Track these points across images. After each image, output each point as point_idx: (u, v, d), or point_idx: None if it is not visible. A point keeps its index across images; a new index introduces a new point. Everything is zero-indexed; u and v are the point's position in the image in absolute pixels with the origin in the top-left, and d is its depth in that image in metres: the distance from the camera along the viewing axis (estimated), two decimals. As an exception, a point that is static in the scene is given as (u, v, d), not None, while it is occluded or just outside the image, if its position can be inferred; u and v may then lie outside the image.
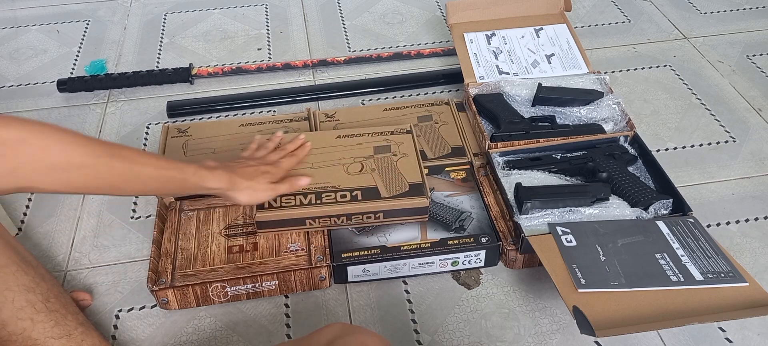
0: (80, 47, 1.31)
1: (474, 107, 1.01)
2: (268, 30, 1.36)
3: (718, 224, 0.92)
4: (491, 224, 0.85)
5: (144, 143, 1.07)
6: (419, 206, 0.83)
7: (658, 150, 1.04)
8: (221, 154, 0.96)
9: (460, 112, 1.05)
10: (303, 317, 0.81)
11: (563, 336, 0.78)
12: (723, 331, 0.78)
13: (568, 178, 0.91)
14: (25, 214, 0.95)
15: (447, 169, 0.94)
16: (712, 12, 1.38)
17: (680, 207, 0.85)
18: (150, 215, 0.94)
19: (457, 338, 0.78)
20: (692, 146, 1.05)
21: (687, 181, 0.99)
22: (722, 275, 0.75)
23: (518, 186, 0.86)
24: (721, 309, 0.71)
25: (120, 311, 0.82)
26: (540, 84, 1.02)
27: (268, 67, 1.22)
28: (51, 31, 1.36)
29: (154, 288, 0.78)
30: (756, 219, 0.93)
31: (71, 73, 1.24)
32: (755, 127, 1.09)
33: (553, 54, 1.12)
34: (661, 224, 0.82)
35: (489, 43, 1.14)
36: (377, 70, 1.23)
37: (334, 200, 0.82)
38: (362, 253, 0.82)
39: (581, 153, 0.94)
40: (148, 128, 1.10)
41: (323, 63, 1.24)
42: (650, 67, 1.23)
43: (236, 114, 1.14)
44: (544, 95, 1.01)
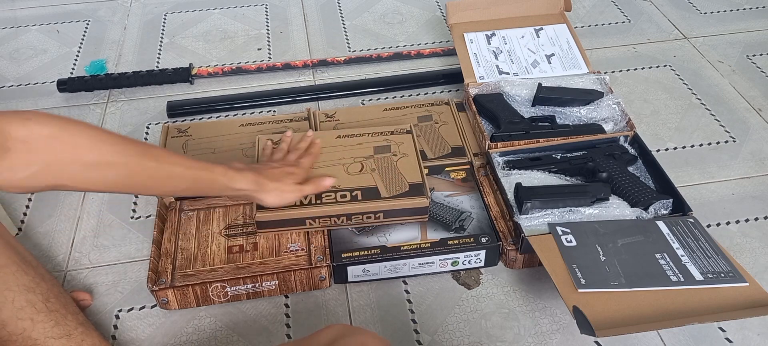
0: (80, 47, 1.31)
1: (474, 107, 1.01)
2: (268, 30, 1.36)
3: (718, 224, 0.92)
4: (491, 224, 0.85)
5: (144, 143, 1.07)
6: (419, 206, 0.83)
7: (658, 150, 1.04)
8: (221, 154, 0.96)
9: (460, 112, 1.05)
10: (303, 317, 0.81)
11: (563, 336, 0.78)
12: (723, 331, 0.78)
13: (568, 178, 0.91)
14: (25, 214, 0.95)
15: (447, 169, 0.94)
16: (712, 12, 1.38)
17: (680, 207, 0.85)
18: (150, 215, 0.94)
19: (457, 338, 0.78)
20: (692, 146, 1.05)
21: (687, 181, 0.99)
22: (722, 275, 0.75)
23: (518, 186, 0.86)
24: (721, 309, 0.71)
25: (120, 311, 0.82)
26: (540, 84, 1.02)
27: (268, 67, 1.22)
28: (51, 31, 1.36)
29: (154, 288, 0.78)
30: (756, 219, 0.93)
31: (71, 73, 1.24)
32: (755, 127, 1.09)
33: (553, 54, 1.12)
34: (661, 224, 0.82)
35: (489, 43, 1.14)
36: (377, 70, 1.23)
37: (334, 200, 0.82)
38: (362, 253, 0.82)
39: (581, 153, 0.94)
40: (148, 128, 1.10)
41: (323, 63, 1.24)
42: (650, 67, 1.23)
43: (236, 114, 1.14)
44: (544, 95, 1.01)
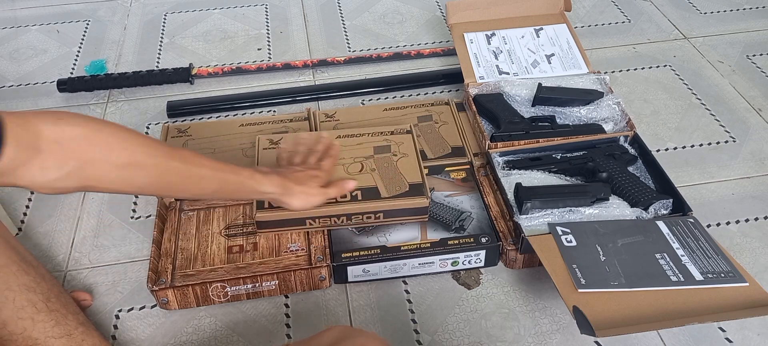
0: (80, 47, 1.31)
1: (474, 107, 1.01)
2: (268, 30, 1.36)
3: (718, 224, 0.92)
4: (491, 224, 0.85)
5: (144, 143, 1.07)
6: (419, 206, 0.83)
7: (658, 150, 1.04)
8: (221, 154, 0.96)
9: (460, 112, 1.05)
10: (303, 317, 0.81)
11: (563, 336, 0.78)
12: (723, 331, 0.79)
13: (568, 178, 0.92)
14: (25, 214, 0.95)
15: (447, 169, 0.94)
16: (712, 12, 1.38)
17: (680, 207, 0.85)
18: (150, 215, 0.94)
19: (457, 338, 0.78)
20: (692, 146, 1.05)
21: (687, 181, 0.99)
22: (722, 275, 0.75)
23: (518, 186, 0.86)
24: (721, 309, 0.71)
25: (120, 311, 0.82)
26: (540, 84, 1.02)
27: (268, 67, 1.22)
28: (51, 31, 1.36)
29: (154, 288, 0.78)
30: (756, 219, 0.93)
31: (71, 73, 1.24)
32: (755, 127, 1.09)
33: (553, 54, 1.12)
34: (661, 224, 0.82)
35: (489, 43, 1.14)
36: (377, 70, 1.23)
37: (334, 200, 0.82)
38: (362, 253, 0.82)
39: (581, 153, 0.94)
40: (148, 128, 1.10)
41: (323, 63, 1.24)
42: (650, 67, 1.23)
43: (236, 114, 1.14)
44: (544, 95, 1.01)
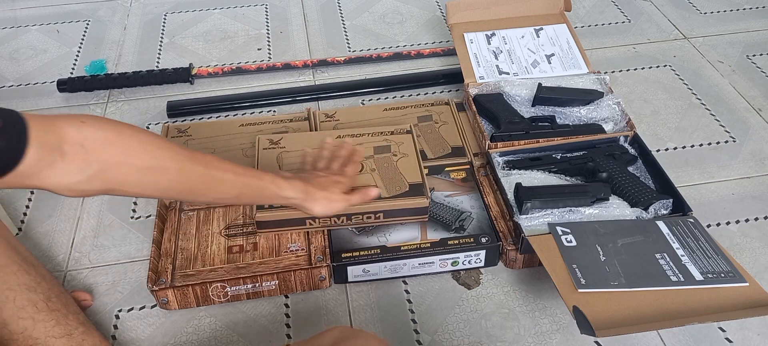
0: (80, 47, 1.31)
1: (474, 107, 1.01)
2: (268, 30, 1.36)
3: (718, 224, 0.92)
4: (491, 224, 0.85)
5: (144, 143, 1.07)
6: (419, 206, 0.83)
7: (658, 150, 1.04)
8: (221, 154, 0.95)
9: (460, 112, 1.05)
10: (303, 317, 0.81)
11: (563, 336, 0.78)
12: (723, 331, 0.79)
13: (568, 178, 0.92)
14: (25, 214, 0.95)
15: (447, 169, 0.94)
16: (712, 12, 1.38)
17: (680, 207, 0.85)
18: (150, 215, 0.94)
19: (457, 338, 0.78)
20: (692, 146, 1.05)
21: (687, 181, 0.99)
22: (722, 275, 0.75)
23: (518, 186, 0.86)
24: (721, 309, 0.71)
25: (120, 311, 0.82)
26: (540, 84, 1.02)
27: (268, 67, 1.22)
28: (51, 31, 1.36)
29: (154, 288, 0.78)
30: (756, 219, 0.93)
31: (71, 73, 1.24)
32: (755, 127, 1.09)
33: (553, 54, 1.12)
34: (661, 224, 0.82)
35: (489, 43, 1.14)
36: (377, 70, 1.23)
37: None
38: (362, 253, 0.82)
39: (581, 153, 0.94)
40: (148, 128, 1.10)
41: (323, 63, 1.24)
42: (650, 67, 1.23)
43: (236, 114, 1.14)
44: (544, 95, 1.01)
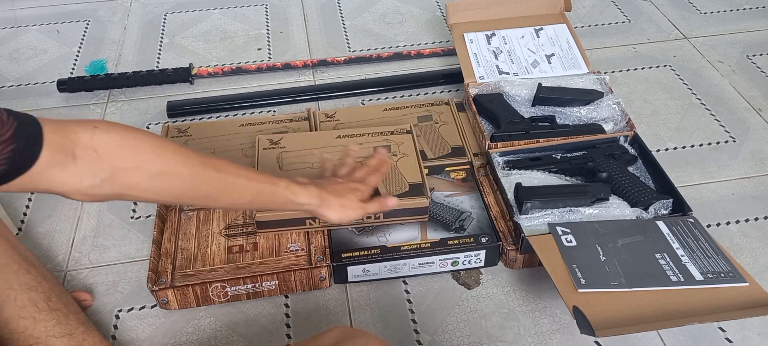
0: (80, 47, 1.31)
1: (474, 107, 1.01)
2: (268, 30, 1.36)
3: (718, 224, 0.92)
4: (491, 224, 0.85)
5: (144, 143, 1.07)
6: (419, 206, 0.83)
7: (658, 150, 1.04)
8: (221, 154, 0.96)
9: (460, 112, 1.05)
10: (303, 317, 0.81)
11: (563, 336, 0.78)
12: (723, 331, 0.79)
13: (568, 178, 0.92)
14: (25, 214, 0.95)
15: (447, 169, 0.94)
16: (712, 12, 1.38)
17: (680, 207, 0.85)
18: (150, 215, 0.94)
19: (457, 338, 0.78)
20: (692, 146, 1.05)
21: (687, 181, 0.99)
22: (722, 275, 0.75)
23: (518, 186, 0.86)
24: (721, 309, 0.71)
25: (120, 311, 0.82)
26: (540, 84, 1.02)
27: (268, 67, 1.22)
28: (51, 31, 1.36)
29: (154, 288, 0.78)
30: (756, 219, 0.93)
31: (71, 73, 1.24)
32: (755, 127, 1.09)
33: (553, 54, 1.12)
34: (661, 224, 0.82)
35: (489, 43, 1.14)
36: (377, 70, 1.23)
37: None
38: (362, 253, 0.82)
39: (581, 153, 0.94)
40: (148, 128, 1.10)
41: (323, 63, 1.24)
42: (650, 67, 1.23)
43: (236, 114, 1.14)
44: (544, 95, 1.01)
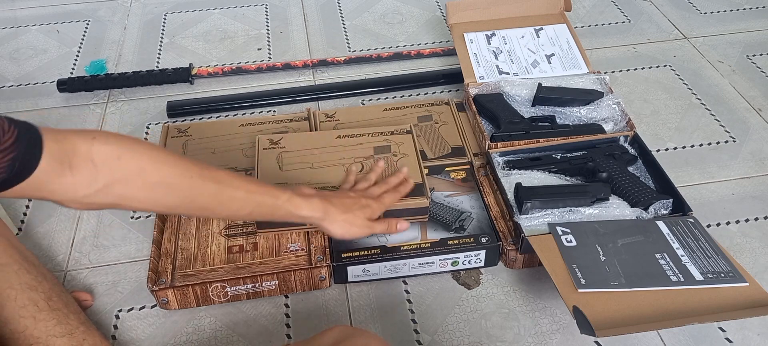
0: (80, 47, 1.31)
1: (474, 107, 1.01)
2: (268, 30, 1.36)
3: (718, 224, 0.92)
4: (491, 224, 0.85)
5: (144, 143, 1.07)
6: (419, 206, 0.83)
7: (658, 150, 1.04)
8: (221, 154, 0.96)
9: (460, 112, 1.05)
10: (303, 317, 0.81)
11: (563, 336, 0.78)
12: (723, 331, 0.79)
13: (568, 178, 0.92)
14: (25, 214, 0.95)
15: (447, 169, 0.94)
16: (712, 12, 1.38)
17: (680, 207, 0.85)
18: (150, 215, 0.94)
19: (457, 338, 0.78)
20: (692, 146, 1.05)
21: (687, 181, 0.99)
22: (722, 275, 0.75)
23: (518, 186, 0.86)
24: (721, 309, 0.71)
25: (120, 311, 0.82)
26: (540, 84, 1.02)
27: (268, 67, 1.22)
28: (51, 31, 1.36)
29: (154, 288, 0.78)
30: (756, 219, 0.93)
31: (71, 73, 1.24)
32: (755, 127, 1.09)
33: (553, 54, 1.12)
34: (661, 224, 0.82)
35: (489, 43, 1.14)
36: (377, 70, 1.23)
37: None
38: (362, 253, 0.82)
39: (581, 153, 0.94)
40: (148, 128, 1.10)
41: (323, 63, 1.24)
42: (650, 67, 1.23)
43: (236, 114, 1.14)
44: (544, 95, 1.01)
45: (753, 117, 1.11)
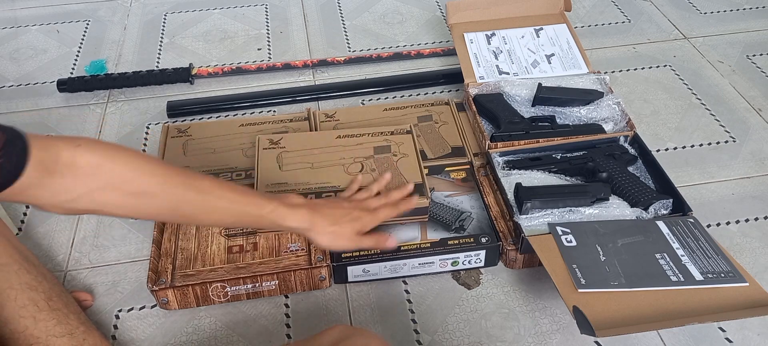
0: (80, 47, 1.31)
1: (474, 107, 1.01)
2: (268, 30, 1.36)
3: (718, 224, 0.92)
4: (491, 224, 0.85)
5: (144, 143, 1.07)
6: (419, 206, 0.83)
7: (658, 150, 1.04)
8: (221, 154, 0.96)
9: (460, 112, 1.05)
10: (303, 317, 0.81)
11: (563, 336, 0.78)
12: (723, 331, 0.79)
13: (568, 178, 0.92)
14: (25, 214, 0.95)
15: (447, 169, 0.94)
16: (712, 12, 1.38)
17: (680, 207, 0.85)
18: (150, 215, 0.94)
19: (457, 338, 0.78)
20: (692, 146, 1.05)
21: (687, 181, 0.99)
22: (722, 275, 0.75)
23: (518, 186, 0.86)
24: (721, 309, 0.71)
25: (120, 311, 0.82)
26: (540, 84, 1.02)
27: (268, 67, 1.22)
28: (51, 31, 1.36)
29: (154, 288, 0.78)
30: (756, 219, 0.93)
31: (71, 73, 1.24)
32: (755, 127, 1.09)
33: (553, 54, 1.12)
34: (661, 224, 0.82)
35: (489, 43, 1.14)
36: (377, 70, 1.23)
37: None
38: (362, 253, 0.82)
39: (581, 153, 0.94)
40: (148, 128, 1.10)
41: (323, 63, 1.24)
42: (650, 67, 1.23)
43: (236, 114, 1.14)
44: (544, 95, 1.01)
45: (753, 117, 1.11)
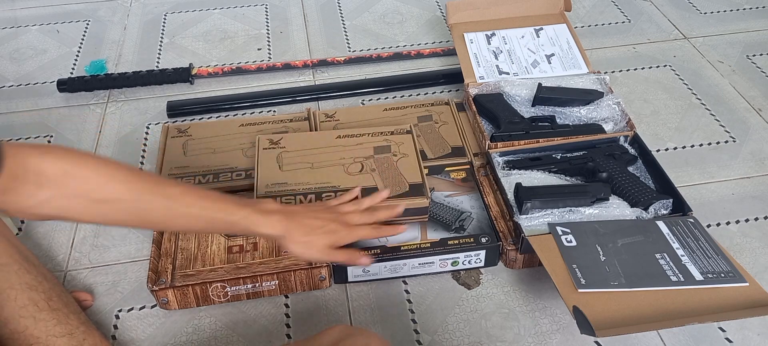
0: (80, 47, 1.31)
1: (474, 107, 1.01)
2: (268, 30, 1.36)
3: (718, 224, 0.92)
4: (491, 224, 0.85)
5: (144, 143, 1.07)
6: (419, 206, 0.83)
7: (658, 150, 1.04)
8: (221, 154, 0.96)
9: (460, 112, 1.05)
10: (303, 317, 0.81)
11: (563, 336, 0.78)
12: (723, 331, 0.79)
13: (568, 178, 0.92)
14: (26, 214, 0.95)
15: (447, 169, 0.94)
16: (712, 12, 1.38)
17: (680, 207, 0.85)
18: (150, 215, 0.94)
19: (457, 338, 0.78)
20: (692, 146, 1.05)
21: (687, 181, 0.99)
22: (722, 275, 0.75)
23: (518, 186, 0.86)
24: (721, 309, 0.71)
25: (120, 311, 0.82)
26: (540, 84, 1.02)
27: (268, 67, 1.22)
28: (51, 31, 1.36)
29: (154, 288, 0.78)
30: (756, 219, 0.93)
31: (71, 73, 1.24)
32: (755, 127, 1.09)
33: (553, 54, 1.12)
34: (661, 224, 0.82)
35: (489, 43, 1.14)
36: (377, 70, 1.23)
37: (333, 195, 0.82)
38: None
39: (581, 153, 0.94)
40: (148, 128, 1.10)
41: (323, 63, 1.24)
42: (650, 67, 1.23)
43: (236, 114, 1.14)
44: (544, 95, 1.01)
45: (753, 117, 1.11)
